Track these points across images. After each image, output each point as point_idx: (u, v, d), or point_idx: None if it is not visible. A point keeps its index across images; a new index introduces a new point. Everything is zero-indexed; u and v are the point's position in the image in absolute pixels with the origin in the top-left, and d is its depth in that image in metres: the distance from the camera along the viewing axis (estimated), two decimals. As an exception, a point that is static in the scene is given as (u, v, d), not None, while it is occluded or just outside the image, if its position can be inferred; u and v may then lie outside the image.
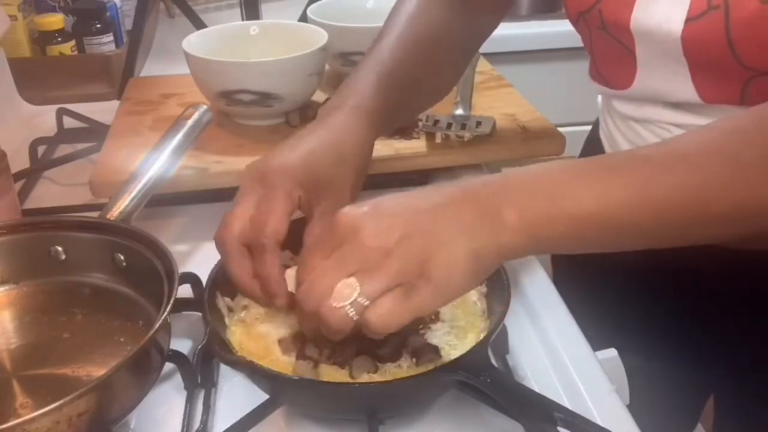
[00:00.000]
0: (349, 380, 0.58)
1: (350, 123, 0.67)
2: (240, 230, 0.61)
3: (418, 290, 0.50)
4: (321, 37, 0.95)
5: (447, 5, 0.79)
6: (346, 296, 0.51)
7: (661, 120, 0.71)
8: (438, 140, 0.89)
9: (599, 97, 0.84)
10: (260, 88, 0.89)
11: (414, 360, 0.59)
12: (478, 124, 0.91)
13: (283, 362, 0.60)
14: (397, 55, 0.74)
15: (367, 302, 0.50)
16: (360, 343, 0.59)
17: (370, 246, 0.51)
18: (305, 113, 0.95)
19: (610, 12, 0.68)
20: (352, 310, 0.51)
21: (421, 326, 0.63)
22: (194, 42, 0.95)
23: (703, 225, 0.53)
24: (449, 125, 0.90)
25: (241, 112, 0.93)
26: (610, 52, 0.72)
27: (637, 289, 0.84)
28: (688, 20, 0.63)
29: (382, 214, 0.52)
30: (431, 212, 0.52)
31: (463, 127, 0.90)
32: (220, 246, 0.62)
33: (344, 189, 0.64)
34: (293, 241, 0.71)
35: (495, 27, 0.85)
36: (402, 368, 0.59)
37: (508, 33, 1.62)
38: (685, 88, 0.66)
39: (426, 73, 0.78)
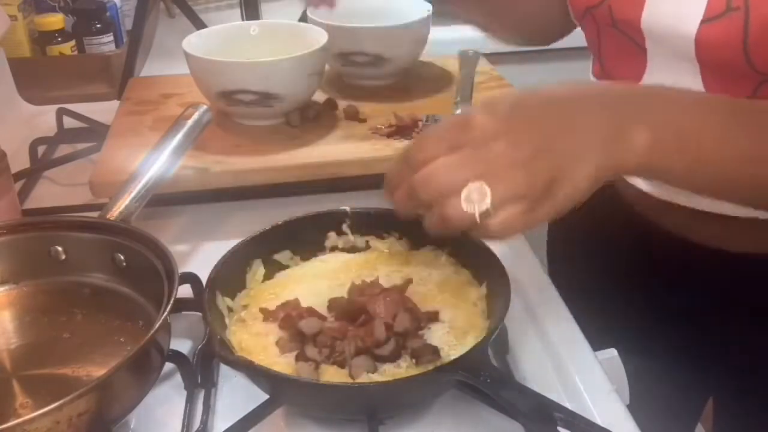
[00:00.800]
0: (349, 380, 0.58)
1: None
2: None
3: (540, 207, 0.52)
4: (321, 37, 0.95)
5: None
6: (476, 201, 0.51)
7: None
8: (438, 140, 0.89)
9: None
10: (260, 88, 0.89)
11: (413, 361, 0.59)
12: (478, 124, 0.91)
13: (282, 362, 0.60)
14: None
15: (492, 209, 0.51)
16: (360, 343, 0.59)
17: (502, 154, 0.52)
18: (305, 113, 0.94)
19: (620, 9, 0.68)
20: (477, 214, 0.51)
21: (420, 327, 0.62)
22: (194, 42, 0.95)
23: None
24: (449, 125, 0.90)
25: (241, 112, 0.93)
26: (620, 49, 0.71)
27: (637, 289, 0.84)
28: (704, 21, 0.62)
29: (517, 123, 0.53)
30: (567, 123, 0.53)
31: (463, 127, 0.90)
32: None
33: None
34: (293, 240, 0.71)
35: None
36: (402, 368, 0.59)
37: (508, 33, 1.62)
38: (694, 88, 0.66)
39: None
